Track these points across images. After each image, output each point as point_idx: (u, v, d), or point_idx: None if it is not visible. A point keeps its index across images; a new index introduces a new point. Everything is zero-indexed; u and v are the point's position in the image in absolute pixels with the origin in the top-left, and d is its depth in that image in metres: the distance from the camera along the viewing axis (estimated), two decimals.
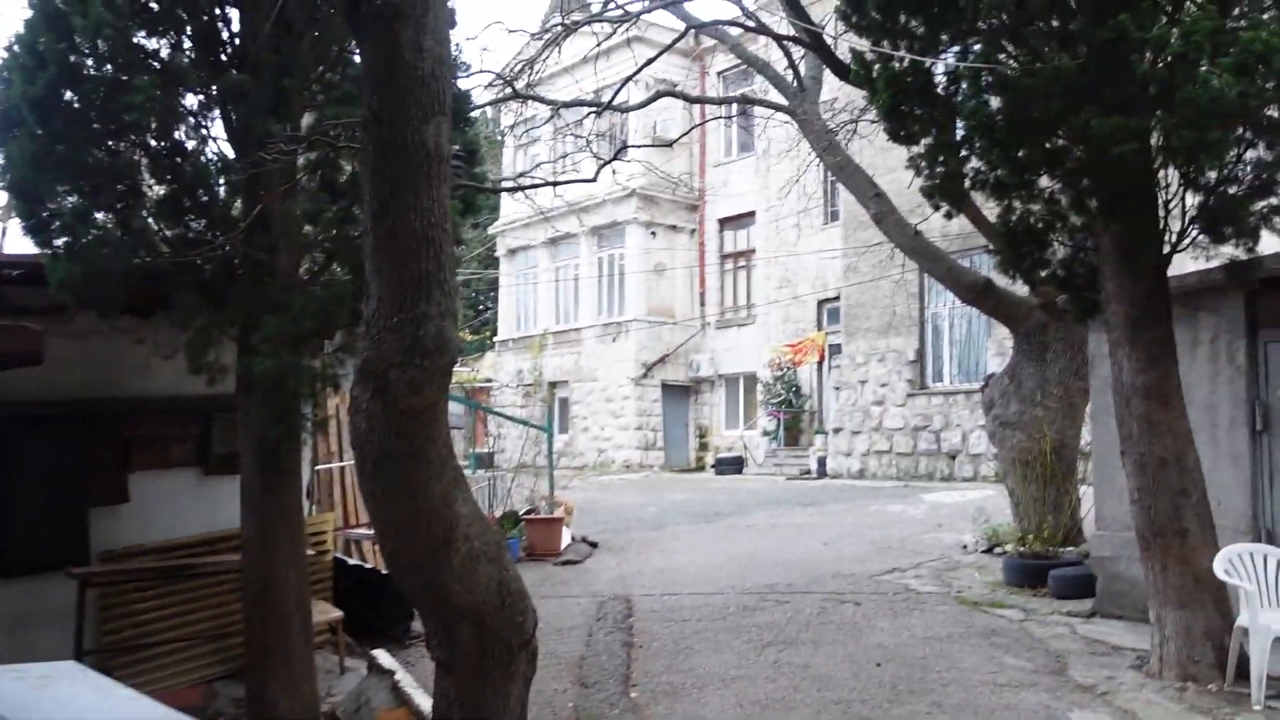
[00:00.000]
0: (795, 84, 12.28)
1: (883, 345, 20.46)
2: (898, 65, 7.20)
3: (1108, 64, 6.05)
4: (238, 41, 5.43)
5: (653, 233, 28.47)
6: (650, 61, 12.02)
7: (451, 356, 3.90)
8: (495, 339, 32.83)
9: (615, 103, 12.48)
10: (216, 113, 5.45)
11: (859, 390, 20.82)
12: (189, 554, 6.74)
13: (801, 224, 25.55)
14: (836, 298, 23.86)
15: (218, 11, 5.41)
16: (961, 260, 13.70)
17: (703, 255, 28.90)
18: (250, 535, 5.57)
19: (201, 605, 6.72)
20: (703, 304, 28.80)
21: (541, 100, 12.20)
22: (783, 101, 12.40)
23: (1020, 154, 6.70)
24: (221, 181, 5.53)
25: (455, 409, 17.01)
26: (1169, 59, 5.76)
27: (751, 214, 27.62)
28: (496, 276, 33.44)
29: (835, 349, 23.23)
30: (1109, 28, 5.87)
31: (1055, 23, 6.28)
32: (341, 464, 10.07)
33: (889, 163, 18.88)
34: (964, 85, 6.85)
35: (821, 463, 21.86)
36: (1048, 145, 6.55)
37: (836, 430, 21.32)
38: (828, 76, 12.74)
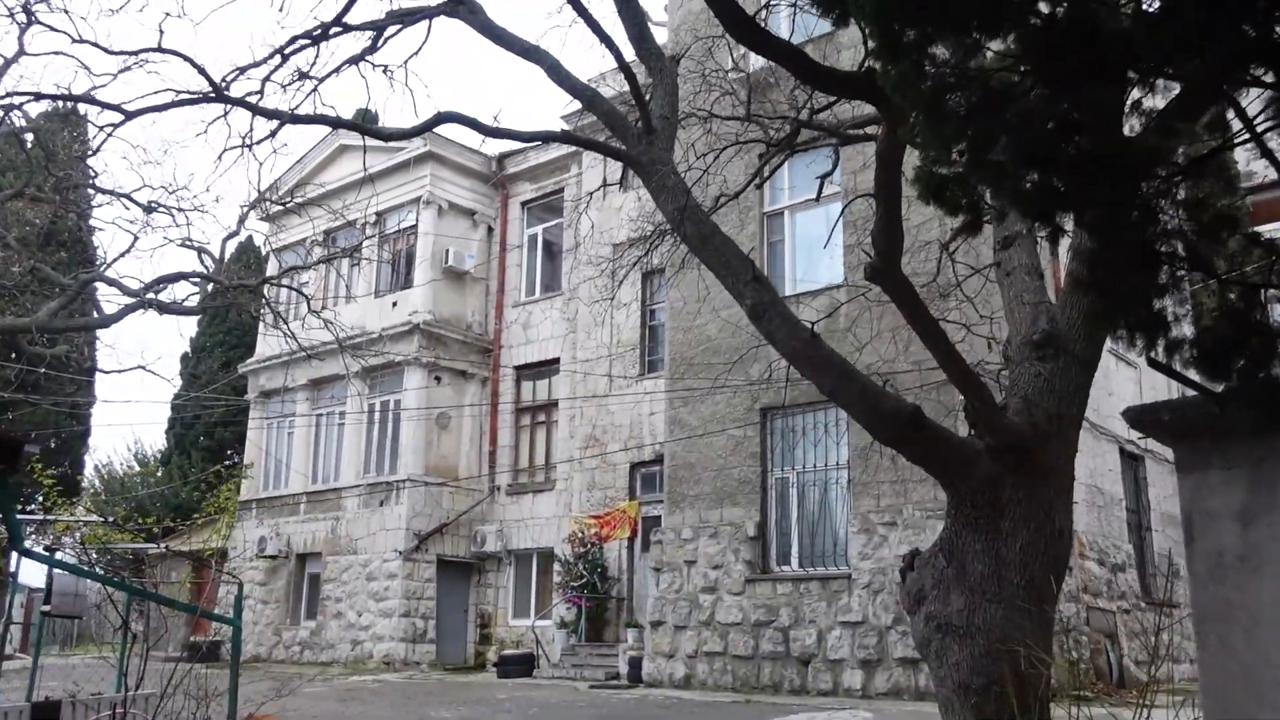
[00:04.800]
0: (640, 125, 8.53)
1: (715, 517, 16.47)
2: None
3: None
4: None
5: (437, 378, 24.01)
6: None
7: None
8: (236, 499, 26.94)
9: (393, 130, 8.35)
10: None
11: (685, 573, 16.62)
12: None
13: (614, 373, 21.84)
14: (654, 461, 19.94)
15: None
16: None
17: (495, 407, 24.57)
18: None
19: None
20: (492, 465, 24.25)
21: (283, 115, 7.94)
22: (620, 146, 8.59)
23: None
24: None
25: (66, 584, 11.57)
26: None
27: (555, 362, 23.72)
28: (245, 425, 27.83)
29: (653, 522, 19.10)
30: None
31: None
32: None
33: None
34: None
35: (635, 665, 17.28)
36: None
37: (656, 624, 16.87)
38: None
